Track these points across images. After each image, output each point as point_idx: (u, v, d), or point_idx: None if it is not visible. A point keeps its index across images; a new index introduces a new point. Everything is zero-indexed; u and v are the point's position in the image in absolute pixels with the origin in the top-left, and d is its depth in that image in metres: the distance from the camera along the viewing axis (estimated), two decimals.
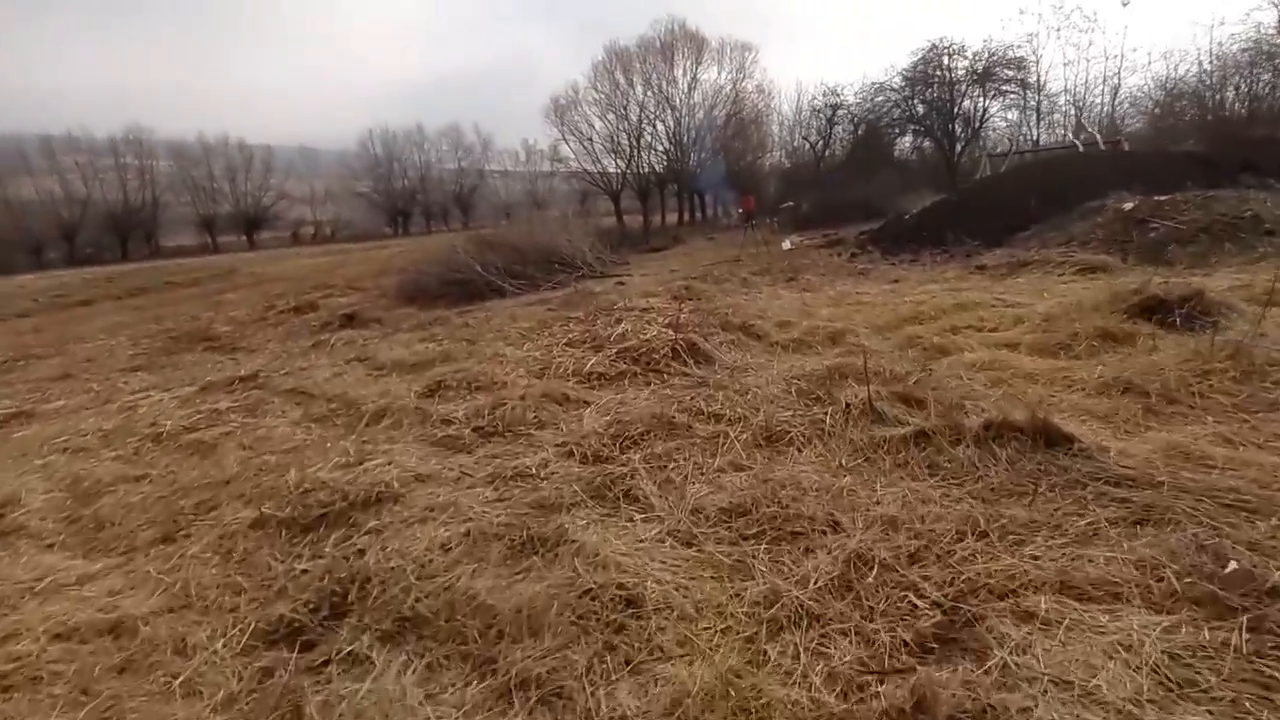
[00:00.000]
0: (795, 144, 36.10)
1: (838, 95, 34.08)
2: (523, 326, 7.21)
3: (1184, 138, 13.70)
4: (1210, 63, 24.17)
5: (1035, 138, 33.73)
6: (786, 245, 17.33)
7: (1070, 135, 16.42)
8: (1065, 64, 35.10)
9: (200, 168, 48.49)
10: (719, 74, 33.82)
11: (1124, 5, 36.93)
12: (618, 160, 33.32)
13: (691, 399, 4.29)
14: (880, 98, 33.92)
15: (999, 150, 21.23)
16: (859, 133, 33.71)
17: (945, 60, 32.53)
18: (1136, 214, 8.11)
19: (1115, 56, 33.90)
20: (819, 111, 34.66)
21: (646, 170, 34.02)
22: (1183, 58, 27.68)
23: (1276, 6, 23.31)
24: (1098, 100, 31.26)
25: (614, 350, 5.40)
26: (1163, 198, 8.18)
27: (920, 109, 34.00)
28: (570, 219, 21.22)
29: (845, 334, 5.77)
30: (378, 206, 52.26)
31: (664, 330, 5.77)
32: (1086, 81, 31.12)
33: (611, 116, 32.62)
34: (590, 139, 33.06)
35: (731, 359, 5.36)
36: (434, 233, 46.55)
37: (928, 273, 8.88)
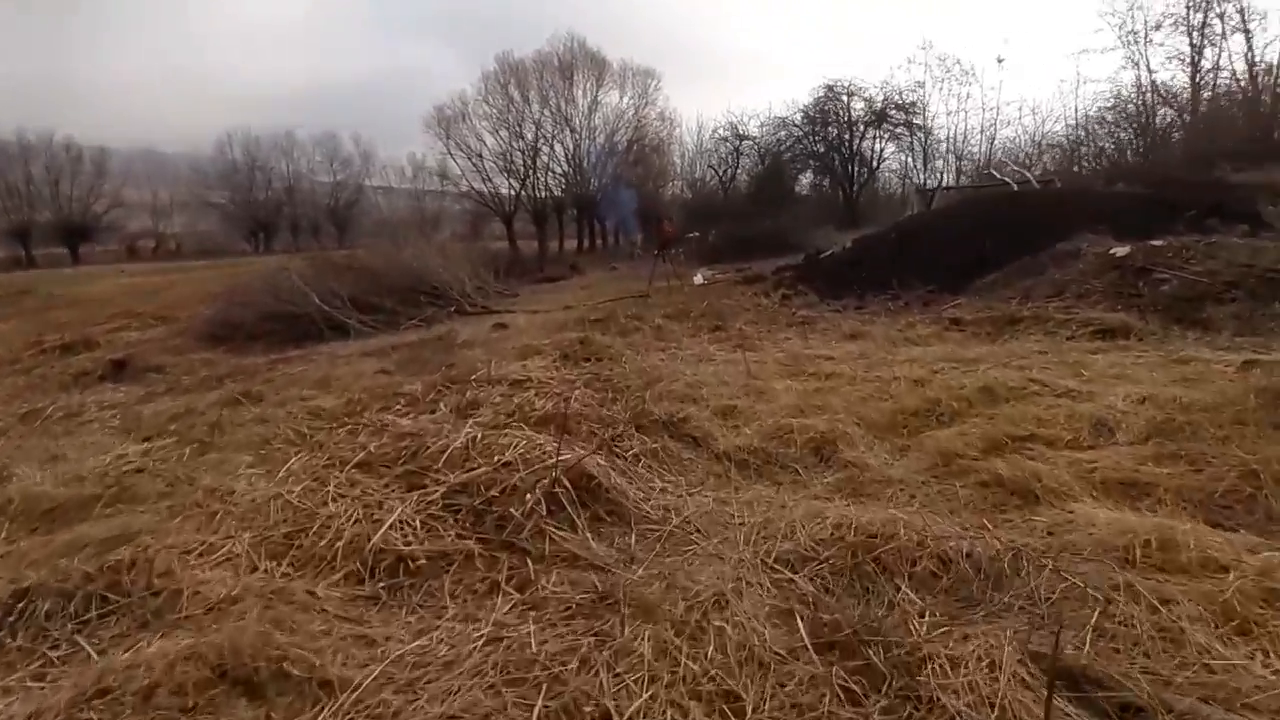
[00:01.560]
0: (697, 175, 35.14)
1: (744, 125, 33.58)
2: (318, 410, 4.51)
3: (1113, 179, 13.28)
4: (1093, 114, 25.47)
5: (923, 180, 34.86)
6: (698, 280, 15.47)
7: (995, 172, 15.87)
8: (948, 113, 36.66)
9: (16, 168, 40.83)
10: (621, 98, 32.21)
11: (999, 62, 39.47)
12: (511, 180, 30.65)
13: (579, 663, 1.87)
14: (783, 132, 33.80)
15: (929, 186, 20.68)
16: (764, 164, 33.25)
17: (845, 99, 32.89)
18: (1131, 262, 6.68)
19: (992, 109, 35.82)
20: (725, 140, 33.94)
21: (544, 193, 31.60)
22: (1049, 113, 29.46)
23: (1135, 67, 24.92)
24: (975, 149, 32.72)
25: (444, 488, 2.88)
26: (1158, 243, 6.85)
27: (820, 147, 34.14)
28: (448, 241, 18.33)
29: (833, 441, 3.58)
30: (234, 219, 46.32)
31: (539, 435, 3.32)
32: (965, 131, 32.52)
33: (504, 133, 29.97)
34: (480, 155, 30.21)
35: (657, 500, 2.99)
36: (302, 250, 41.38)
37: (888, 325, 7.01)
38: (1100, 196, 9.61)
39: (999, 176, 14.54)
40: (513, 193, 30.74)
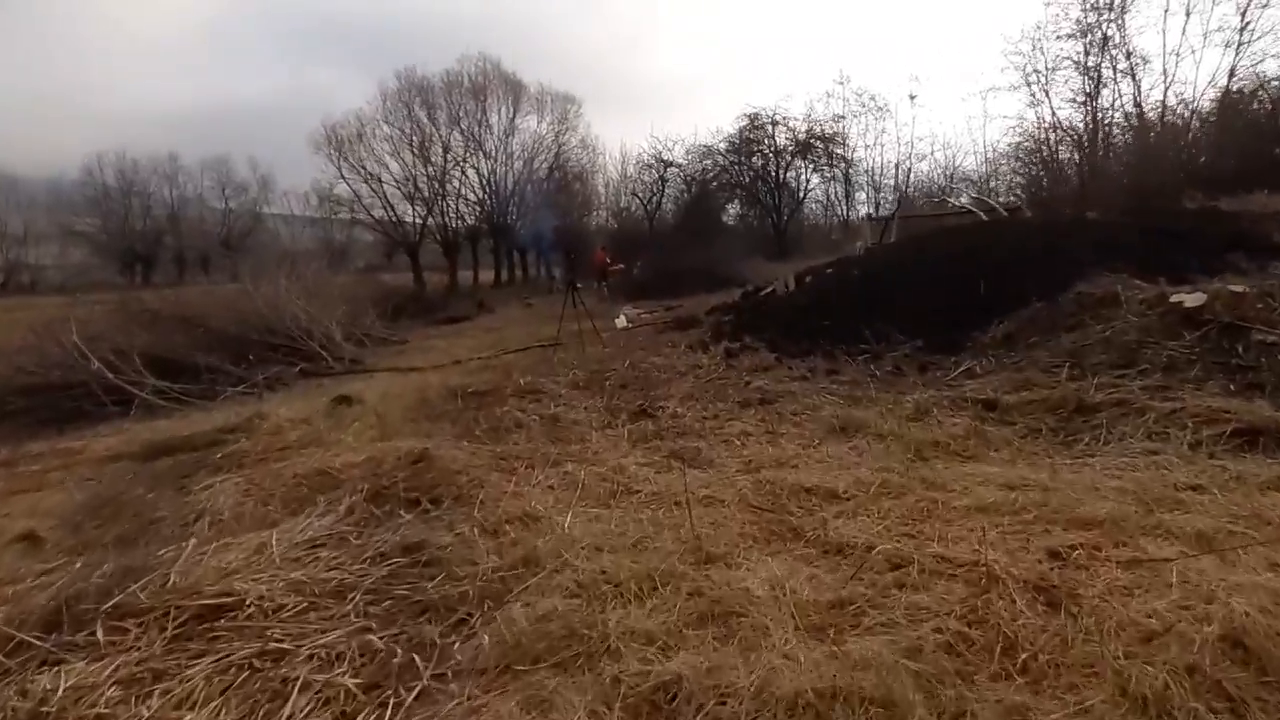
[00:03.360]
0: (622, 204, 33.33)
1: (669, 151, 32.10)
2: None
3: (1081, 207, 12.15)
4: (1001, 149, 25.38)
5: (845, 212, 34.44)
6: (621, 322, 13.16)
7: (951, 200, 14.58)
8: (866, 147, 36.74)
9: None
10: (539, 123, 30.09)
11: (912, 99, 39.84)
12: (416, 207, 27.70)
13: None
14: (708, 161, 32.58)
15: (880, 214, 19.29)
16: (692, 192, 31.75)
17: (769, 129, 32.00)
18: (1207, 314, 4.89)
19: (907, 143, 36.06)
20: (649, 168, 32.31)
21: (455, 221, 28.81)
22: (959, 148, 29.83)
23: (1035, 106, 25.15)
24: (891, 182, 32.59)
25: None
26: (1238, 289, 5.10)
27: (746, 177, 33.09)
28: (320, 277, 15.28)
29: None
30: (106, 250, 40.93)
31: None
32: (883, 164, 32.37)
33: (408, 155, 27.13)
34: (379, 179, 27.17)
35: None
36: (187, 284, 36.53)
37: (889, 408, 4.87)
38: (1100, 227, 7.99)
39: (955, 204, 13.16)
40: (419, 220, 27.78)
